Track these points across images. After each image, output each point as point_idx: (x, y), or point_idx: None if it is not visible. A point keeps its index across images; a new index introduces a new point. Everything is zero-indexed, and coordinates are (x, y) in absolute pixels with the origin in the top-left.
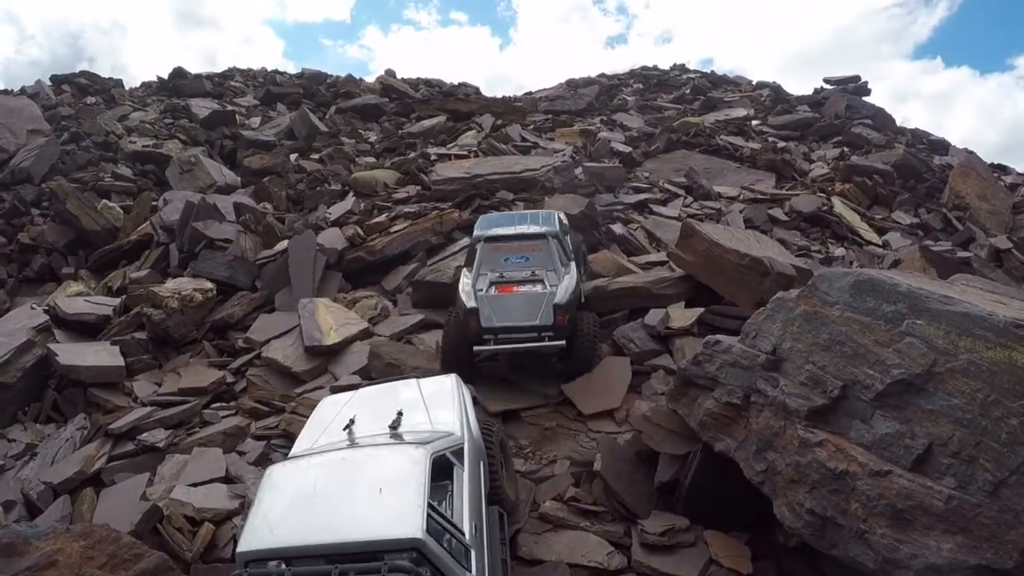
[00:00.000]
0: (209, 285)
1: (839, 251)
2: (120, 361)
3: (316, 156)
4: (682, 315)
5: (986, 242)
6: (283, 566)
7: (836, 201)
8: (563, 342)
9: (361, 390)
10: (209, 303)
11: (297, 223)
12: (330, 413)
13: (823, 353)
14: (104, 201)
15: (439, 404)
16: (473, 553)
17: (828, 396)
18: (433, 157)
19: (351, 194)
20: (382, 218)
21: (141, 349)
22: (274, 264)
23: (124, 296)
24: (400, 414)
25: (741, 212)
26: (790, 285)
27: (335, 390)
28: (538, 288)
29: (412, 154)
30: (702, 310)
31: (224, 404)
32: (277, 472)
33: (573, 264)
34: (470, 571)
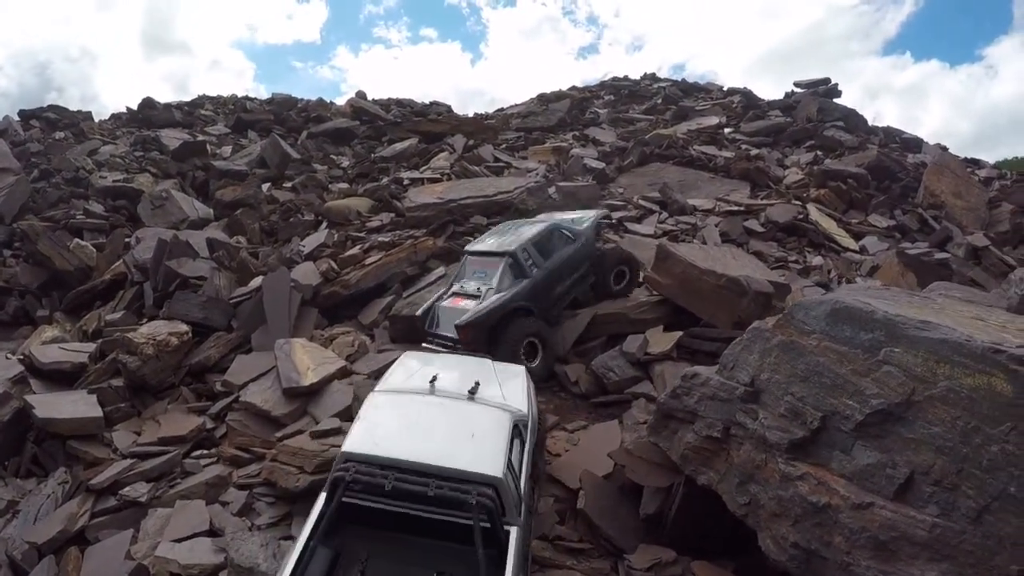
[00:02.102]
0: (184, 328)
1: (817, 260)
2: (98, 411)
3: (289, 184)
4: (661, 340)
5: (963, 240)
6: (383, 472)
7: (812, 208)
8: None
9: (442, 355)
10: (185, 346)
11: (271, 258)
12: (414, 365)
13: (801, 384)
14: (76, 240)
15: (510, 384)
16: (523, 505)
17: (808, 428)
18: (406, 181)
19: (324, 225)
20: (356, 250)
21: (118, 397)
22: (249, 302)
23: (100, 340)
24: (478, 383)
25: (717, 226)
26: (768, 302)
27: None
28: (469, 304)
29: (385, 179)
30: (681, 334)
31: (205, 452)
32: (380, 398)
33: (524, 282)
34: (520, 517)
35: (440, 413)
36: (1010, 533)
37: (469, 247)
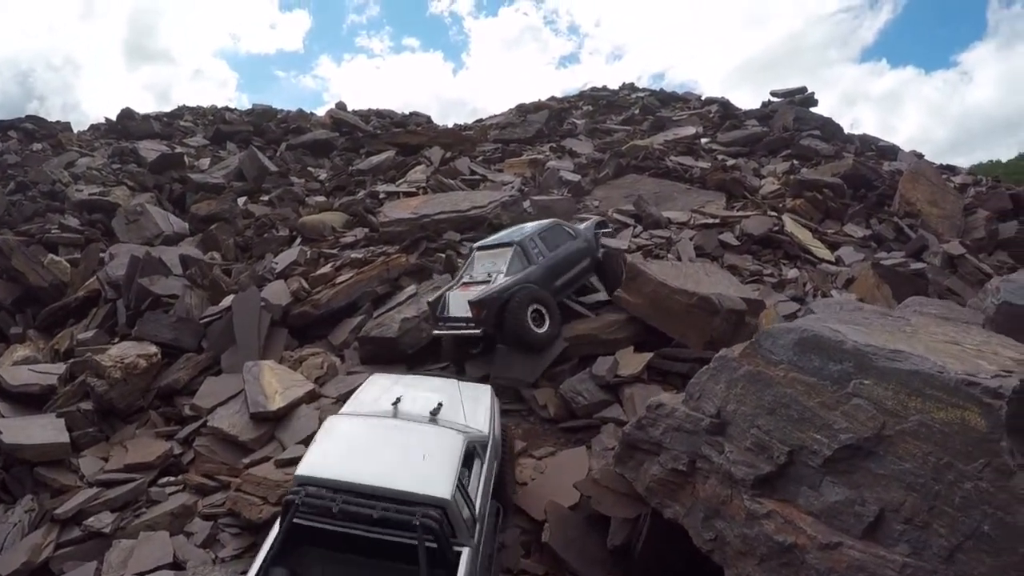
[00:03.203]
0: (153, 349)
1: (792, 273)
2: (65, 437)
3: (265, 198)
4: (631, 361)
5: (939, 249)
6: (332, 495)
7: (787, 219)
8: (479, 331)
9: (407, 376)
10: (154, 368)
11: (243, 276)
12: (379, 388)
13: (768, 417)
14: (51, 256)
15: (474, 404)
16: (478, 526)
17: (774, 463)
18: (382, 195)
19: (298, 241)
20: (327, 268)
21: (87, 421)
22: (220, 322)
23: (70, 361)
24: (440, 405)
25: (691, 239)
26: (741, 320)
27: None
28: (480, 288)
29: (361, 192)
30: (651, 355)
31: (172, 479)
32: (337, 422)
33: (532, 267)
34: (473, 539)
35: (394, 435)
36: (983, 573)
37: (477, 244)
